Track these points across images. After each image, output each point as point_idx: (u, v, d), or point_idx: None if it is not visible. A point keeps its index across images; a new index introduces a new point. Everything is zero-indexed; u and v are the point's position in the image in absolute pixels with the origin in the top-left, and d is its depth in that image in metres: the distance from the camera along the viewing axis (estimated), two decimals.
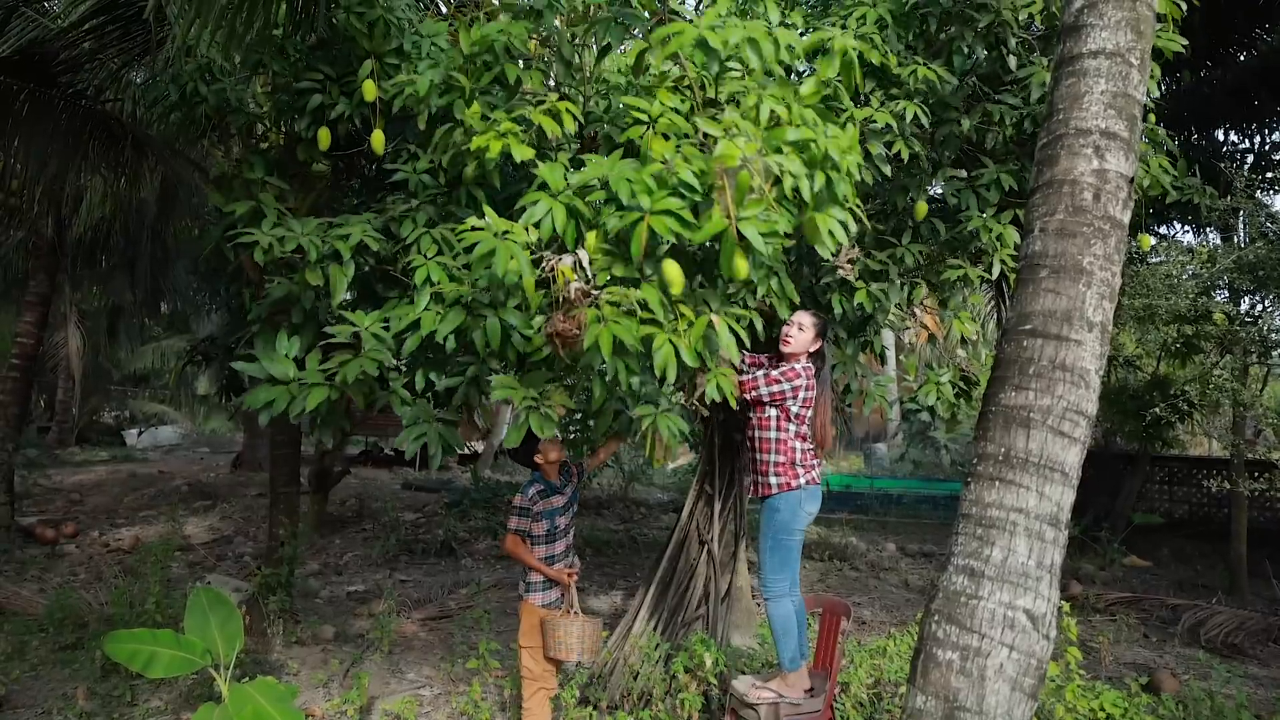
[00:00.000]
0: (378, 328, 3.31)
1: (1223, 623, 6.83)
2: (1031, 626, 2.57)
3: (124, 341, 17.98)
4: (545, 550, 4.13)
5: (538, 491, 4.12)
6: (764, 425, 3.66)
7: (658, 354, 2.69)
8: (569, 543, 4.24)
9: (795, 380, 3.59)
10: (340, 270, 3.51)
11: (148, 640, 4.20)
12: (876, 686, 4.69)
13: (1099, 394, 2.74)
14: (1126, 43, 2.75)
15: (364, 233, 3.54)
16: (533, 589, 4.18)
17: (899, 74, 3.90)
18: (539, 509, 4.11)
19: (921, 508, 13.81)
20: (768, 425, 3.65)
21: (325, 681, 5.29)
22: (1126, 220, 2.76)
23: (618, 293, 2.71)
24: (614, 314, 2.68)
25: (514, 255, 2.65)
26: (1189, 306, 8.04)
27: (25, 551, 8.59)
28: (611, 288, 2.73)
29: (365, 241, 3.54)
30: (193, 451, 19.23)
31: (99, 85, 6.56)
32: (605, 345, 2.60)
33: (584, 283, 2.75)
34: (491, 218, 2.84)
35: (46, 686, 5.09)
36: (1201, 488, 12.23)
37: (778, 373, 3.60)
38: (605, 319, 2.65)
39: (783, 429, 3.64)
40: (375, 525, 10.66)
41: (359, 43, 3.92)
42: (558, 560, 4.16)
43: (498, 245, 2.66)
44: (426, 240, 3.54)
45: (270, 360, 3.20)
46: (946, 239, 4.51)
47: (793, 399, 3.59)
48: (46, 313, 9.85)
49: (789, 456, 3.61)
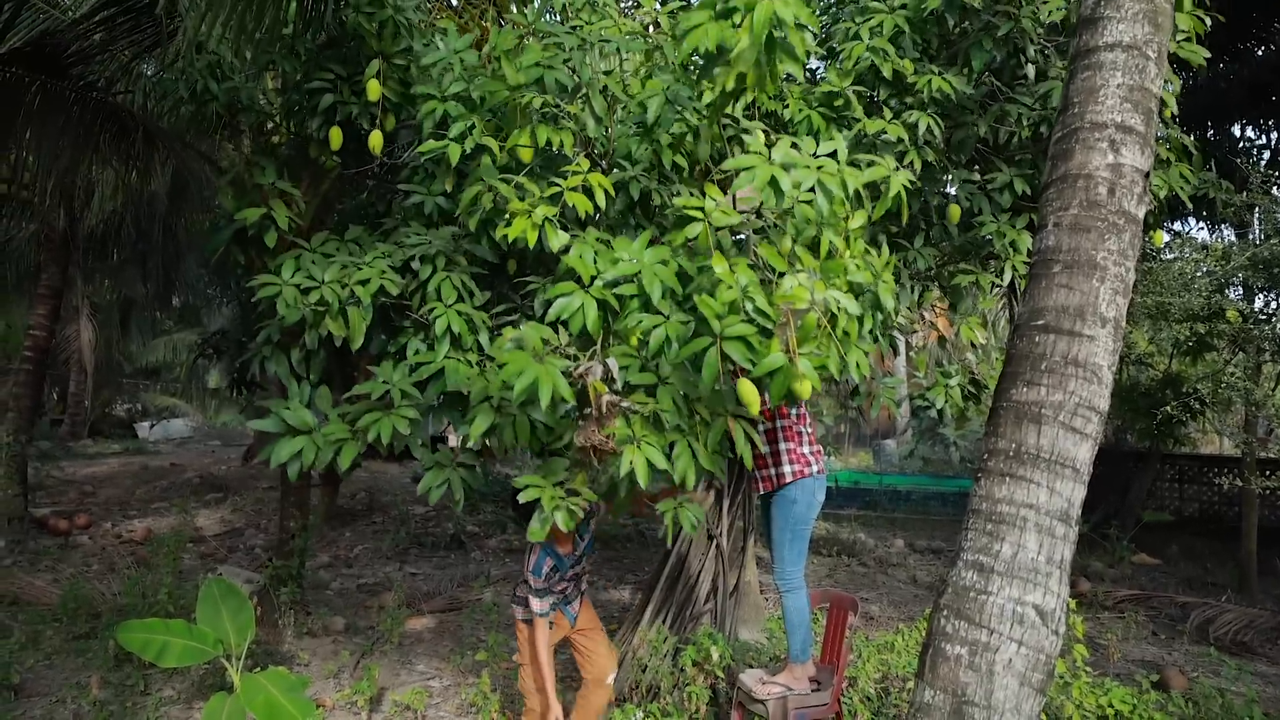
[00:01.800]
0: (406, 383, 3.31)
1: (1232, 621, 6.80)
2: (1041, 622, 2.56)
3: (136, 335, 18.08)
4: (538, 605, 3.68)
5: (552, 569, 3.64)
6: (765, 416, 3.68)
7: (679, 462, 2.75)
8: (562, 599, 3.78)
9: None
10: (360, 315, 3.52)
11: (160, 630, 4.24)
12: (884, 681, 4.69)
13: (1111, 391, 2.73)
14: (1144, 35, 2.72)
15: (382, 275, 3.50)
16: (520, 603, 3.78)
17: (914, 82, 3.87)
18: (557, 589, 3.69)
19: (930, 504, 13.77)
20: (769, 415, 3.68)
21: (336, 672, 5.32)
22: (1141, 215, 2.74)
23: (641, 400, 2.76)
24: (643, 431, 2.72)
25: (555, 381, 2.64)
26: (1202, 304, 7.98)
27: (39, 542, 8.66)
28: (634, 395, 2.78)
29: (383, 285, 3.50)
30: (204, 444, 19.33)
31: (110, 77, 6.58)
32: (641, 470, 2.65)
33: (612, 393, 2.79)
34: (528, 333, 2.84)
35: (60, 675, 5.14)
36: (1212, 486, 12.15)
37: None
38: (637, 439, 2.70)
39: (785, 416, 3.68)
40: (385, 518, 10.71)
41: (368, 43, 3.92)
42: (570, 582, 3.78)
43: (539, 373, 2.62)
44: (447, 286, 3.48)
45: (285, 410, 3.19)
46: (959, 243, 4.49)
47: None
48: (59, 305, 9.91)
49: (796, 442, 3.66)
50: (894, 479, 15.18)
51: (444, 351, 3.33)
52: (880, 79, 3.89)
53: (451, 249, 3.66)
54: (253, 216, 3.71)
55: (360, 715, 4.69)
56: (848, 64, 3.82)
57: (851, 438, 22.77)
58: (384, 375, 3.33)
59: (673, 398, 2.76)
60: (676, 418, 2.76)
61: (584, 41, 3.62)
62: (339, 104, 4.01)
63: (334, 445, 3.16)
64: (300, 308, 3.44)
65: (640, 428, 2.70)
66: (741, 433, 2.90)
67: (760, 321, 2.60)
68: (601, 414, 2.75)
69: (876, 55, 3.77)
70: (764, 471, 3.72)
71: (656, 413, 2.74)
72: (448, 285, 3.48)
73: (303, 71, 4.11)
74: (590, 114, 3.54)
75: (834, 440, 21.79)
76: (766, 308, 2.55)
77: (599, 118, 3.56)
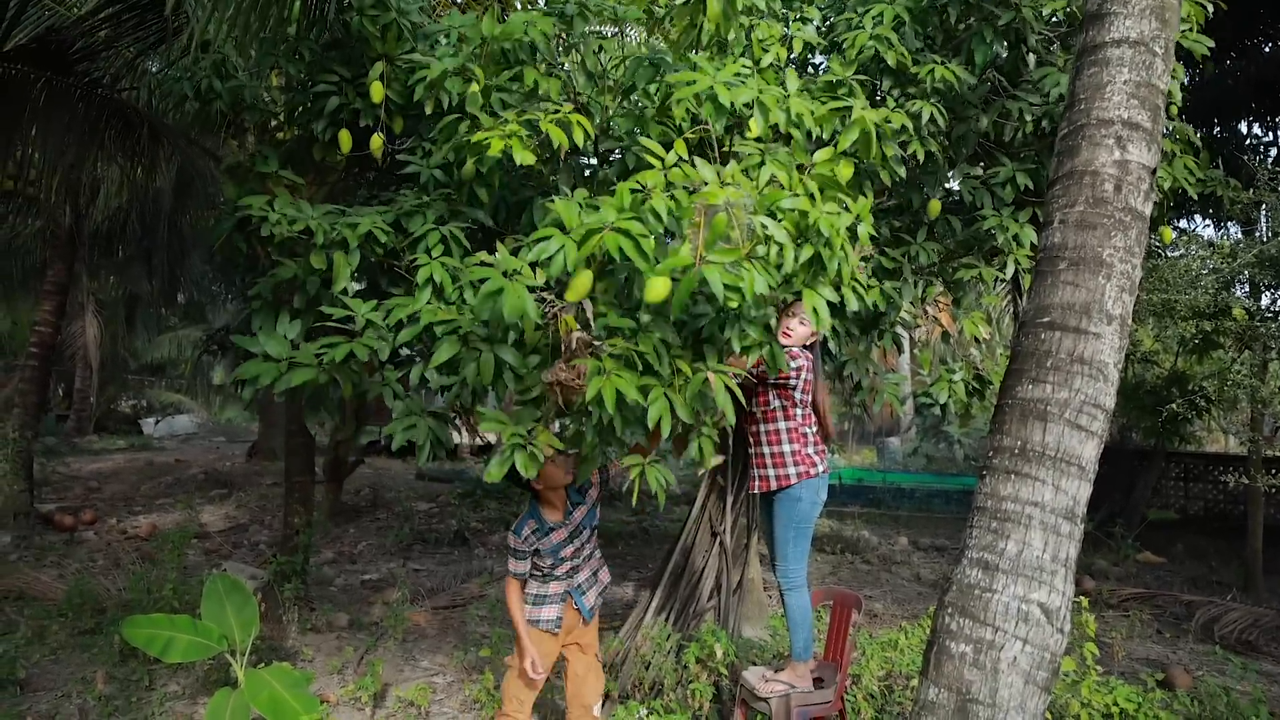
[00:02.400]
0: (376, 315, 3.27)
1: (1237, 619, 6.78)
2: (1046, 620, 2.56)
3: (141, 331, 18.15)
4: (536, 588, 3.57)
5: (532, 531, 3.51)
6: (770, 418, 3.67)
7: (653, 407, 2.67)
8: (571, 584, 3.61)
9: (796, 360, 3.61)
10: (344, 258, 3.48)
11: (165, 626, 4.25)
12: (888, 679, 4.69)
13: (1116, 388, 2.72)
14: (1151, 31, 2.71)
15: (373, 224, 3.50)
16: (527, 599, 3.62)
17: (916, 72, 3.86)
18: (544, 546, 3.53)
19: (934, 502, 13.76)
20: (774, 417, 3.66)
21: (340, 668, 5.33)
22: (1148, 212, 2.73)
23: (620, 344, 2.69)
24: (615, 366, 2.65)
25: (520, 297, 2.59)
26: (1208, 301, 7.96)
27: (44, 538, 8.69)
28: (613, 339, 2.71)
29: (374, 232, 3.49)
30: (209, 441, 19.38)
31: (115, 74, 6.60)
32: (609, 399, 2.57)
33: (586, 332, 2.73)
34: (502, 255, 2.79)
35: (66, 670, 5.16)
36: (1218, 484, 12.12)
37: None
38: (607, 371, 2.63)
39: (790, 417, 3.66)
40: (389, 515, 10.73)
41: (372, 45, 3.91)
42: (556, 579, 3.58)
43: (506, 286, 2.59)
44: (434, 236, 3.48)
45: (267, 338, 3.18)
46: (962, 238, 4.47)
47: (795, 380, 3.62)
48: (64, 302, 9.94)
49: (802, 443, 3.64)
50: (897, 476, 15.17)
51: (424, 298, 3.26)
52: (883, 69, 3.88)
53: (445, 210, 3.66)
54: (255, 204, 3.71)
55: (364, 711, 4.70)
56: (850, 53, 3.81)
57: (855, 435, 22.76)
58: (354, 306, 3.27)
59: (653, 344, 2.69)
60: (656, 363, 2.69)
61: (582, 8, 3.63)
62: (345, 106, 4.01)
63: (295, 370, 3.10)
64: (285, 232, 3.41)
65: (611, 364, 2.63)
66: (722, 386, 2.81)
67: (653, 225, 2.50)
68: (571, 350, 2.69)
69: (880, 43, 3.76)
70: (767, 472, 3.70)
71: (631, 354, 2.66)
72: (435, 235, 3.46)
73: (307, 73, 4.11)
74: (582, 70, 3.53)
75: (837, 437, 21.78)
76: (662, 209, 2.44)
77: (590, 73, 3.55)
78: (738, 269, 2.50)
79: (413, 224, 3.61)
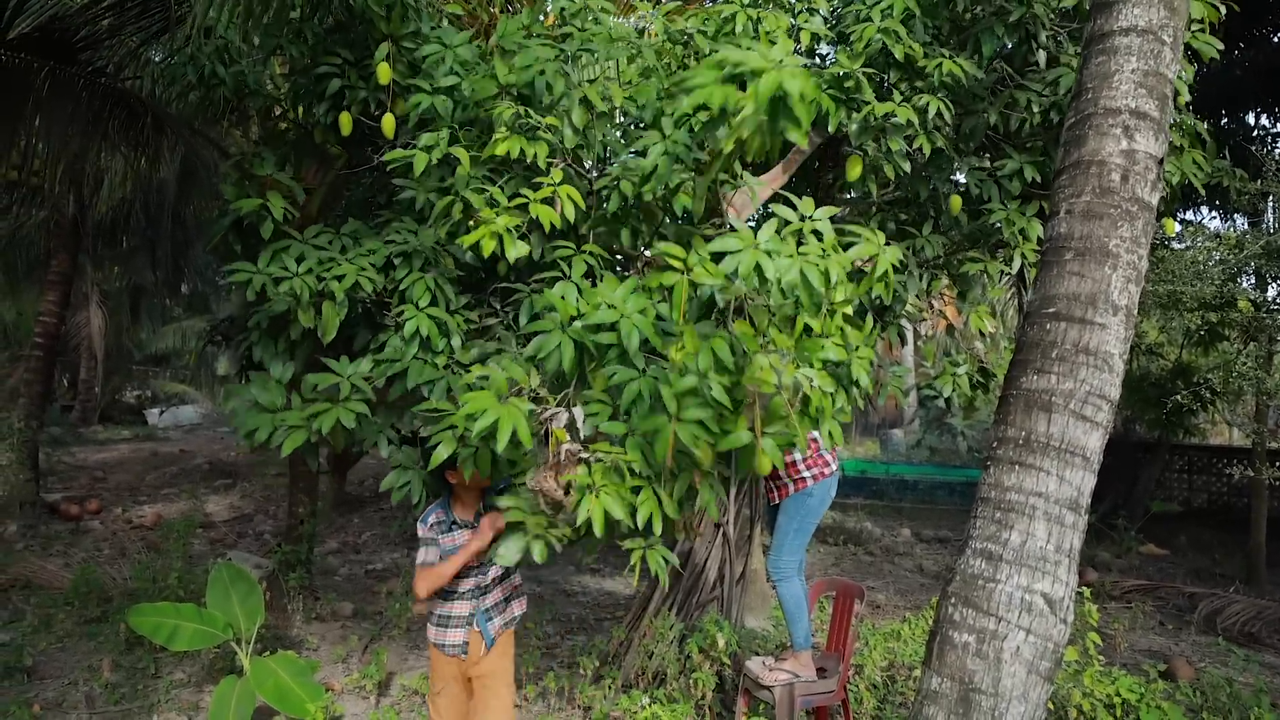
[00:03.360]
0: (358, 379, 3.36)
1: (1240, 611, 6.78)
2: (1049, 610, 2.56)
3: (145, 321, 18.17)
4: (440, 608, 3.25)
5: (437, 522, 3.18)
6: None
7: (642, 508, 2.71)
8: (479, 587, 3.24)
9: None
10: (334, 309, 3.57)
11: (171, 614, 4.28)
12: (890, 669, 4.70)
13: (1121, 379, 2.71)
14: (1159, 19, 2.69)
15: (360, 272, 3.56)
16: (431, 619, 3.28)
17: (924, 65, 3.84)
18: (443, 544, 3.16)
19: (937, 494, 13.75)
20: None
21: (344, 657, 5.36)
22: (1155, 202, 2.71)
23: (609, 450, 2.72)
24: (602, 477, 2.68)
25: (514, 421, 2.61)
26: (1214, 293, 7.93)
27: (50, 527, 8.74)
28: (601, 444, 2.74)
29: (359, 281, 3.55)
30: (213, 431, 19.44)
31: (118, 63, 6.58)
32: (598, 521, 2.61)
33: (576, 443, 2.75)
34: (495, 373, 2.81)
35: (73, 658, 5.19)
36: (1221, 476, 12.10)
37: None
38: (596, 487, 2.65)
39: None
40: (392, 506, 10.76)
41: (376, 25, 3.91)
42: (462, 598, 3.21)
43: (501, 414, 2.60)
44: (420, 288, 3.54)
45: (262, 387, 3.31)
46: (969, 231, 4.45)
47: None
48: (69, 292, 9.96)
49: (815, 448, 3.69)
50: (901, 468, 15.16)
51: (412, 353, 3.41)
52: (891, 61, 3.86)
53: (435, 250, 3.71)
54: (248, 207, 3.74)
55: (369, 699, 4.72)
56: (858, 45, 3.79)
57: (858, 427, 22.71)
58: (338, 369, 3.37)
59: (640, 449, 2.73)
60: (644, 468, 2.75)
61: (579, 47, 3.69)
62: (346, 88, 4.00)
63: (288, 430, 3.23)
64: (273, 297, 3.51)
65: (601, 476, 2.68)
66: (708, 489, 2.92)
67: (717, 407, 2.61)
68: (560, 462, 2.73)
69: (888, 36, 3.74)
70: (785, 481, 3.74)
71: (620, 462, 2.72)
72: (420, 286, 3.54)
73: (310, 56, 4.10)
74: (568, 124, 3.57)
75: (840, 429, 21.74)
76: (723, 398, 2.56)
77: (576, 128, 3.59)
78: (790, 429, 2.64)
79: (399, 272, 3.66)
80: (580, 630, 6.09)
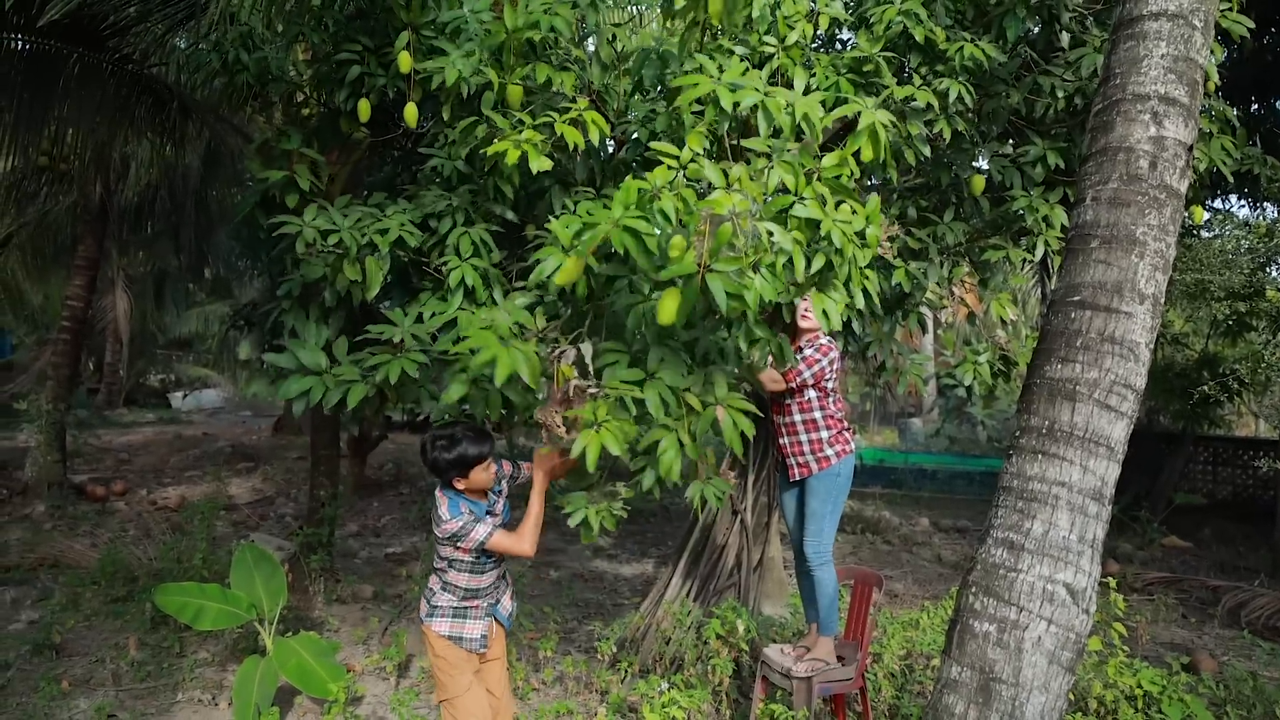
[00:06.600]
0: (419, 329, 3.33)
1: (1265, 605, 6.69)
2: (1071, 601, 2.54)
3: (169, 306, 18.36)
4: (468, 581, 3.12)
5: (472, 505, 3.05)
6: (805, 408, 3.70)
7: (663, 456, 2.64)
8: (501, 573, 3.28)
9: (830, 354, 3.67)
10: (377, 264, 3.57)
11: (196, 594, 4.35)
12: (909, 658, 4.69)
13: (1147, 369, 2.68)
14: (1190, 4, 2.64)
15: (401, 227, 3.56)
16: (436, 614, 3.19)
17: (945, 49, 3.79)
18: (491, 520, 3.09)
19: (956, 483, 13.69)
20: (809, 408, 3.70)
21: (365, 638, 5.42)
22: (1184, 190, 2.67)
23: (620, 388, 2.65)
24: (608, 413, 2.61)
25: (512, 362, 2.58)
26: (1243, 282, 7.81)
27: (78, 508, 8.89)
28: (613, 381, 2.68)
29: (402, 236, 3.56)
30: (235, 414, 19.68)
31: (145, 50, 6.64)
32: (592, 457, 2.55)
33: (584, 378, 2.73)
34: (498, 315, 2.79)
35: (100, 636, 5.29)
36: (1247, 469, 11.95)
37: (811, 351, 3.65)
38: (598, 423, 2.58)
39: (824, 406, 3.73)
40: (412, 489, 10.86)
41: (396, 14, 3.91)
42: (483, 595, 3.19)
43: (499, 353, 2.58)
44: (465, 241, 3.55)
45: (301, 349, 3.24)
46: (991, 218, 4.41)
47: (830, 374, 3.68)
48: (95, 277, 10.08)
49: (837, 428, 3.70)
50: (919, 457, 15.10)
51: (457, 303, 3.37)
52: (911, 45, 3.81)
53: (470, 206, 3.71)
54: (275, 177, 3.77)
55: (389, 680, 4.78)
56: (879, 28, 3.75)
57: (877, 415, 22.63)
58: (396, 319, 3.35)
59: (659, 393, 2.66)
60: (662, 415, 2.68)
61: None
62: (366, 75, 4.01)
63: (343, 386, 3.17)
64: (321, 250, 3.49)
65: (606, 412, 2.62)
66: (730, 422, 2.79)
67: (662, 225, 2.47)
68: (568, 398, 2.71)
69: (909, 19, 3.69)
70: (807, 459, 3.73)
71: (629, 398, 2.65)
72: (465, 240, 3.55)
73: (331, 43, 4.12)
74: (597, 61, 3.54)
75: (859, 418, 21.69)
76: (670, 210, 2.40)
77: (605, 65, 3.56)
78: (741, 277, 2.45)
79: (441, 226, 3.67)
80: (598, 615, 6.12)
